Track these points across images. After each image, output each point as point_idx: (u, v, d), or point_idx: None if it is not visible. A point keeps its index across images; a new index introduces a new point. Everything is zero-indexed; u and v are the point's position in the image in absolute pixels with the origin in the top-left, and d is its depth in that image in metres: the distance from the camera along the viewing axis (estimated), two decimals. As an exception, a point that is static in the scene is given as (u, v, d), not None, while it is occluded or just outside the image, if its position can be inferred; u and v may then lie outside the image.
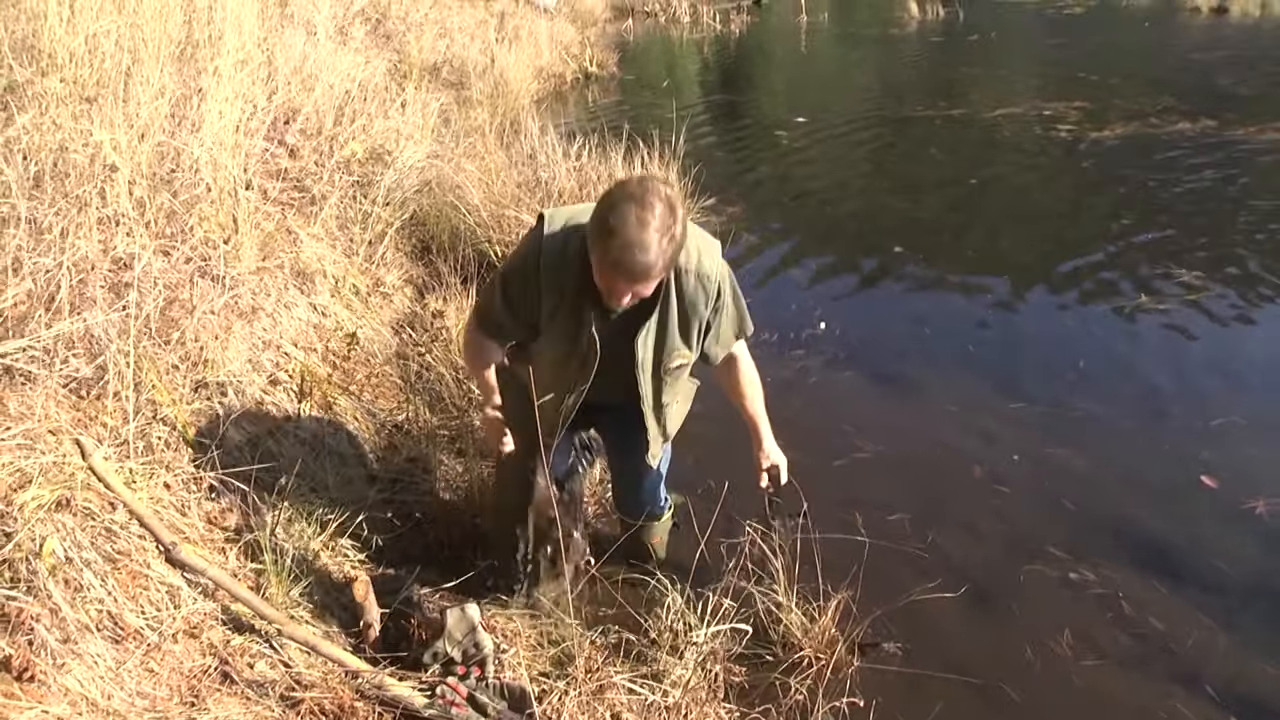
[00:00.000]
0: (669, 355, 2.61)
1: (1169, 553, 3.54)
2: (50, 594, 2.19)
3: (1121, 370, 4.91)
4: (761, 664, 2.98)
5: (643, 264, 2.22)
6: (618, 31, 16.44)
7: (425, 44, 8.98)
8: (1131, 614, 3.26)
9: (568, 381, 2.64)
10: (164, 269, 3.49)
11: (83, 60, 4.18)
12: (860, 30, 18.05)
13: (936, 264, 6.46)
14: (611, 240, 2.21)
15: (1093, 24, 17.77)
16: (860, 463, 4.12)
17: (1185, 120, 9.71)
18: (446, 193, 5.61)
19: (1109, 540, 3.60)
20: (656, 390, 2.69)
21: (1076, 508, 3.79)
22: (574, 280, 2.46)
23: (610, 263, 2.25)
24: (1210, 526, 3.68)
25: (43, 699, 1.98)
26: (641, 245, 2.20)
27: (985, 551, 3.57)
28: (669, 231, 2.23)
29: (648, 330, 2.54)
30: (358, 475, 3.51)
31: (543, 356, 2.66)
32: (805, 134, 10.05)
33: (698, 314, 2.58)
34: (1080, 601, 3.33)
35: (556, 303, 2.52)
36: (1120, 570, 3.45)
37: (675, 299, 2.54)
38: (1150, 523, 3.70)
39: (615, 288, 2.33)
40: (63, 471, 2.48)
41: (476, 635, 2.64)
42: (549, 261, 2.49)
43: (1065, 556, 3.51)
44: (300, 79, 5.67)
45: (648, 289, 2.34)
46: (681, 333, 2.59)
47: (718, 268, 2.57)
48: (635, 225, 2.19)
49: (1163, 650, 3.11)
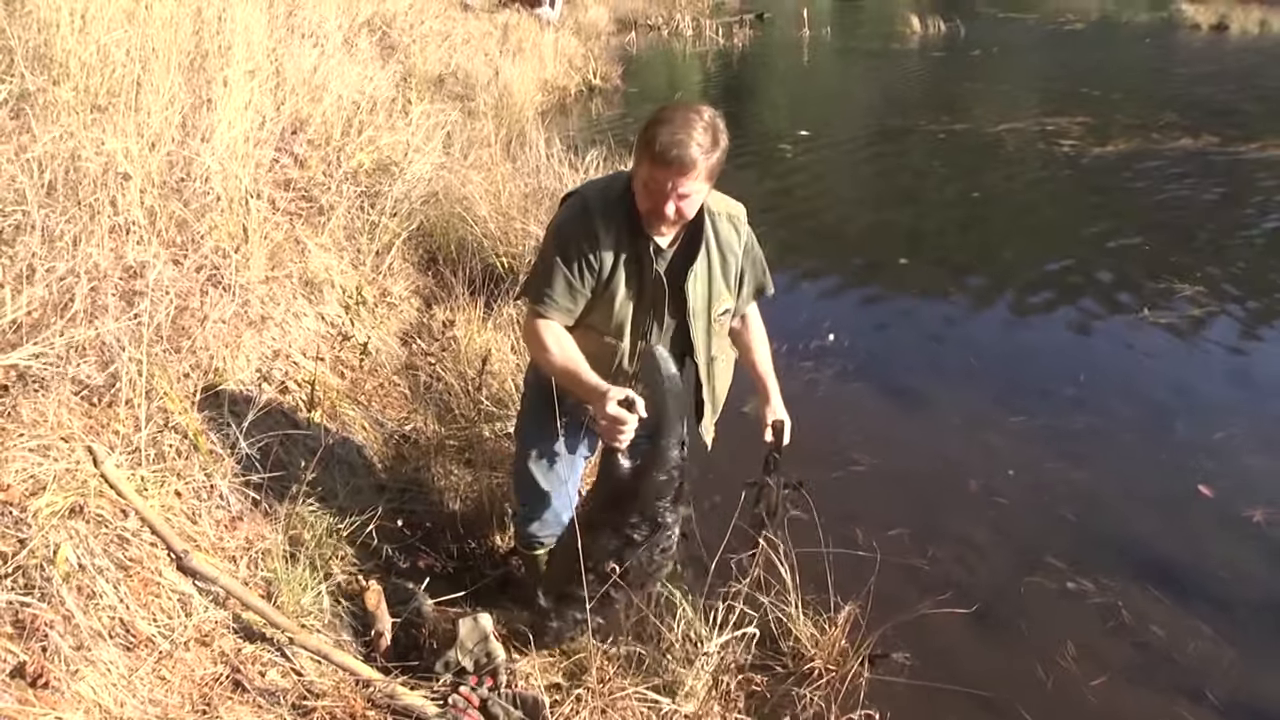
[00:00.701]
0: (716, 300, 2.64)
1: (1170, 564, 3.56)
2: (64, 600, 2.18)
3: (1123, 384, 4.94)
4: (773, 675, 2.98)
5: (689, 153, 2.30)
6: (621, 44, 16.49)
7: (430, 55, 9.01)
8: (1134, 625, 3.27)
9: (630, 341, 2.63)
10: (175, 277, 3.49)
11: (94, 69, 4.20)
12: (862, 44, 18.13)
13: (940, 276, 6.50)
14: (658, 130, 2.32)
15: (1094, 40, 17.86)
16: (860, 475, 4.13)
17: (1187, 136, 9.75)
18: (454, 204, 5.63)
19: (1110, 552, 3.62)
20: (708, 344, 2.69)
21: (1077, 520, 3.81)
22: (626, 220, 2.51)
23: (655, 154, 2.32)
24: (1209, 536, 3.71)
25: (56, 705, 1.96)
26: (687, 134, 2.30)
27: (989, 564, 3.58)
28: (712, 134, 2.35)
29: (695, 275, 2.57)
30: (367, 485, 3.51)
31: (601, 318, 2.61)
32: (808, 148, 10.09)
33: (734, 255, 2.66)
34: (1083, 613, 3.34)
35: (616, 249, 2.53)
36: (1122, 582, 3.46)
37: (714, 240, 2.61)
38: (1151, 534, 3.72)
39: (659, 186, 2.36)
40: (75, 478, 2.48)
41: (489, 644, 2.63)
42: (598, 208, 2.53)
43: (1067, 568, 3.53)
44: (308, 90, 5.69)
45: (692, 187, 2.37)
46: (724, 276, 2.65)
47: (744, 215, 2.70)
48: (682, 120, 2.33)
49: (1165, 660, 3.13)
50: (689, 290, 2.58)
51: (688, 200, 2.40)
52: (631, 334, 2.63)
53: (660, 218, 2.44)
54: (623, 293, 2.57)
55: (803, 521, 3.21)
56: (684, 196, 2.39)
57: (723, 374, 2.84)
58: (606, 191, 2.57)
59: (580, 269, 2.54)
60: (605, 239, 2.52)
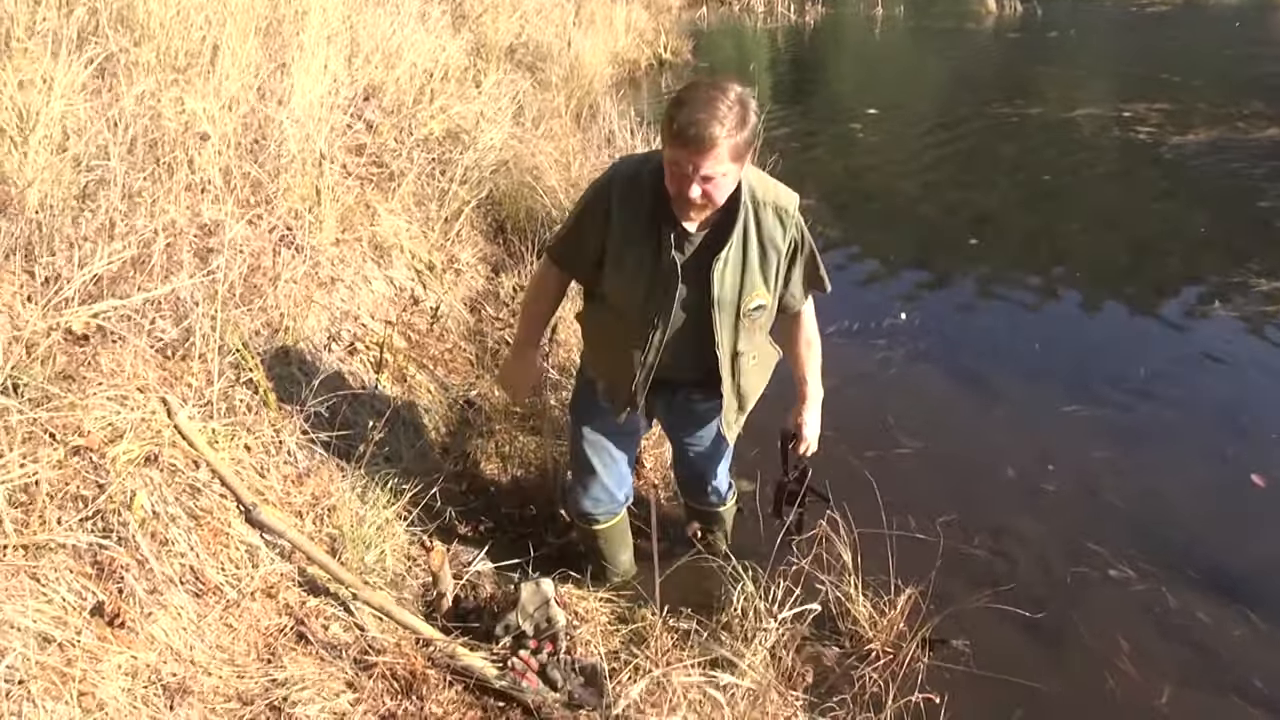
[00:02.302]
0: (747, 294, 2.53)
1: (1230, 563, 3.48)
2: (139, 545, 2.23)
3: (1189, 377, 4.84)
4: (832, 654, 2.96)
5: (709, 132, 2.19)
6: (692, 19, 16.38)
7: (502, 25, 9.00)
8: (1185, 620, 3.23)
9: (646, 326, 2.58)
10: (248, 236, 3.54)
11: (174, 32, 4.26)
12: (936, 24, 17.78)
13: (1010, 260, 6.43)
14: (680, 110, 2.22)
15: (1178, 23, 17.31)
16: (921, 459, 4.08)
17: (1275, 126, 9.41)
18: (523, 173, 5.63)
19: (1166, 546, 3.55)
20: (734, 338, 2.60)
21: (1129, 511, 3.75)
22: (649, 201, 2.45)
23: (675, 133, 2.23)
24: (1261, 528, 3.64)
25: (131, 645, 2.01)
26: (709, 113, 2.19)
27: (1046, 555, 3.53)
28: (739, 113, 2.23)
29: (725, 261, 2.47)
30: (431, 448, 3.54)
31: (619, 298, 2.60)
32: (879, 127, 9.94)
33: (776, 250, 2.53)
34: (1134, 606, 3.30)
35: (630, 226, 2.49)
36: (1181, 579, 3.40)
37: (755, 231, 2.49)
38: (1211, 532, 3.64)
39: (681, 168, 2.26)
40: (150, 428, 2.53)
41: (549, 610, 2.64)
42: (620, 187, 2.50)
43: (1119, 561, 3.48)
44: (382, 57, 5.72)
45: (716, 169, 2.25)
46: (761, 269, 2.53)
47: (795, 207, 2.55)
48: (704, 99, 2.22)
49: (1218, 660, 3.07)
50: (714, 279, 2.47)
51: (714, 183, 2.28)
52: (641, 316, 2.57)
53: (686, 201, 2.34)
54: (631, 273, 2.52)
55: (862, 503, 3.19)
56: (709, 179, 2.26)
57: (752, 372, 2.73)
58: (639, 169, 2.50)
59: (587, 236, 2.57)
60: (619, 216, 2.49)
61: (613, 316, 2.65)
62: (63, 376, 2.48)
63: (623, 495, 3.03)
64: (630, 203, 2.47)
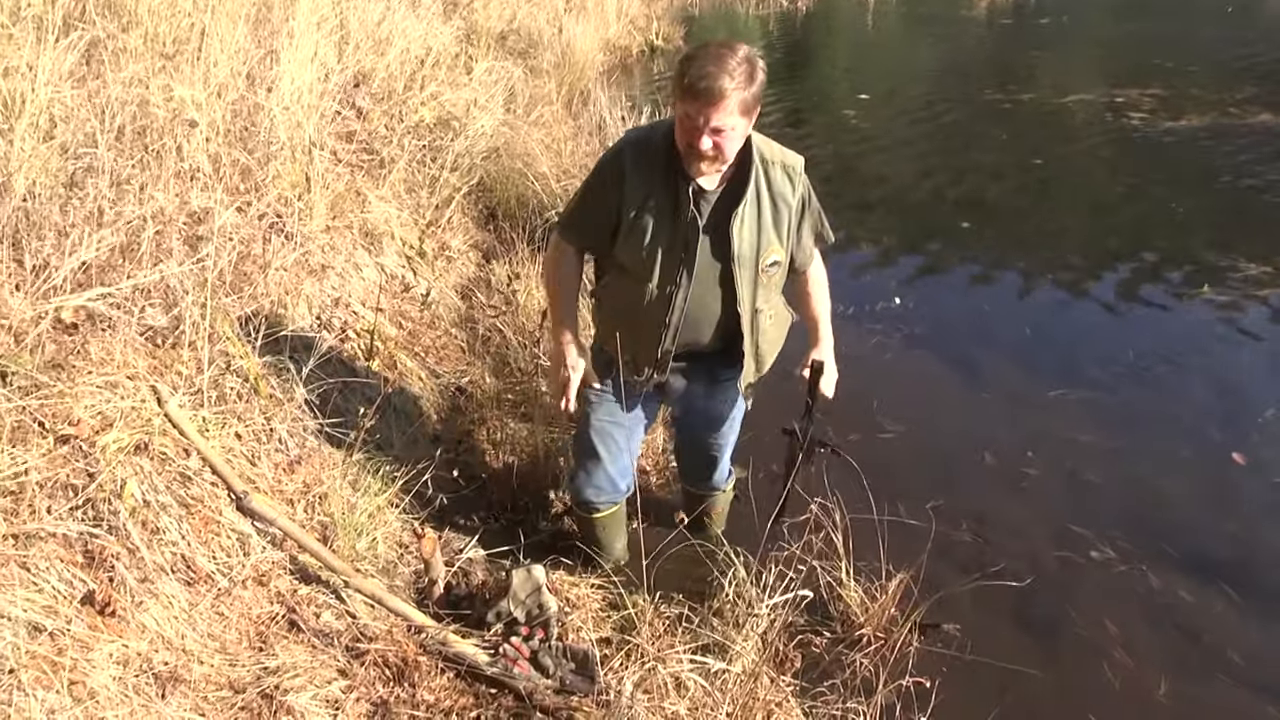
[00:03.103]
0: (764, 250, 2.60)
1: (1211, 541, 3.55)
2: (129, 534, 2.23)
3: (1177, 358, 4.88)
4: (823, 640, 2.96)
5: (719, 84, 2.28)
6: (684, 5, 16.23)
7: (493, 12, 8.97)
8: (1174, 605, 3.26)
9: (669, 285, 2.60)
10: (238, 224, 3.53)
11: (162, 17, 4.23)
12: (929, 10, 17.71)
13: (1002, 243, 6.47)
14: (690, 65, 2.34)
15: (1171, 8, 17.26)
16: (911, 443, 4.09)
17: (1267, 112, 9.42)
18: (514, 160, 5.62)
19: (1152, 527, 3.60)
20: (753, 295, 2.65)
21: (1114, 494, 3.79)
22: (663, 160, 2.52)
23: (686, 87, 2.33)
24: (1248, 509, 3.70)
25: (122, 634, 2.01)
26: (718, 66, 2.30)
27: (1036, 539, 3.55)
28: (747, 69, 2.33)
29: (742, 219, 2.54)
30: (423, 435, 3.54)
31: (637, 263, 2.62)
32: (872, 112, 9.92)
33: (787, 204, 2.61)
34: (1118, 587, 3.33)
35: (646, 187, 2.54)
36: (1165, 559, 3.45)
37: (766, 187, 2.57)
38: (1194, 510, 3.70)
39: (692, 121, 2.35)
40: (140, 416, 2.52)
41: (541, 596, 2.64)
42: (632, 150, 2.57)
43: (1106, 544, 3.52)
44: (373, 43, 5.69)
45: (725, 121, 2.34)
46: (775, 226, 2.60)
47: (802, 165, 2.65)
48: (714, 55, 2.33)
49: (1199, 641, 3.12)
50: (733, 235, 2.54)
51: (723, 136, 2.37)
52: (661, 276, 2.60)
53: (696, 154, 2.40)
54: (650, 232, 2.57)
55: (851, 488, 3.19)
56: (718, 131, 2.36)
57: (769, 330, 2.78)
58: (649, 134, 2.60)
59: (598, 205, 2.62)
60: (634, 178, 2.54)
61: (631, 282, 2.66)
62: (52, 365, 2.47)
63: (625, 485, 3.03)
64: (644, 165, 2.54)
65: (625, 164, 2.56)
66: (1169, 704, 2.89)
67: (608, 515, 3.07)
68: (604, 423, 2.89)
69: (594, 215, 2.65)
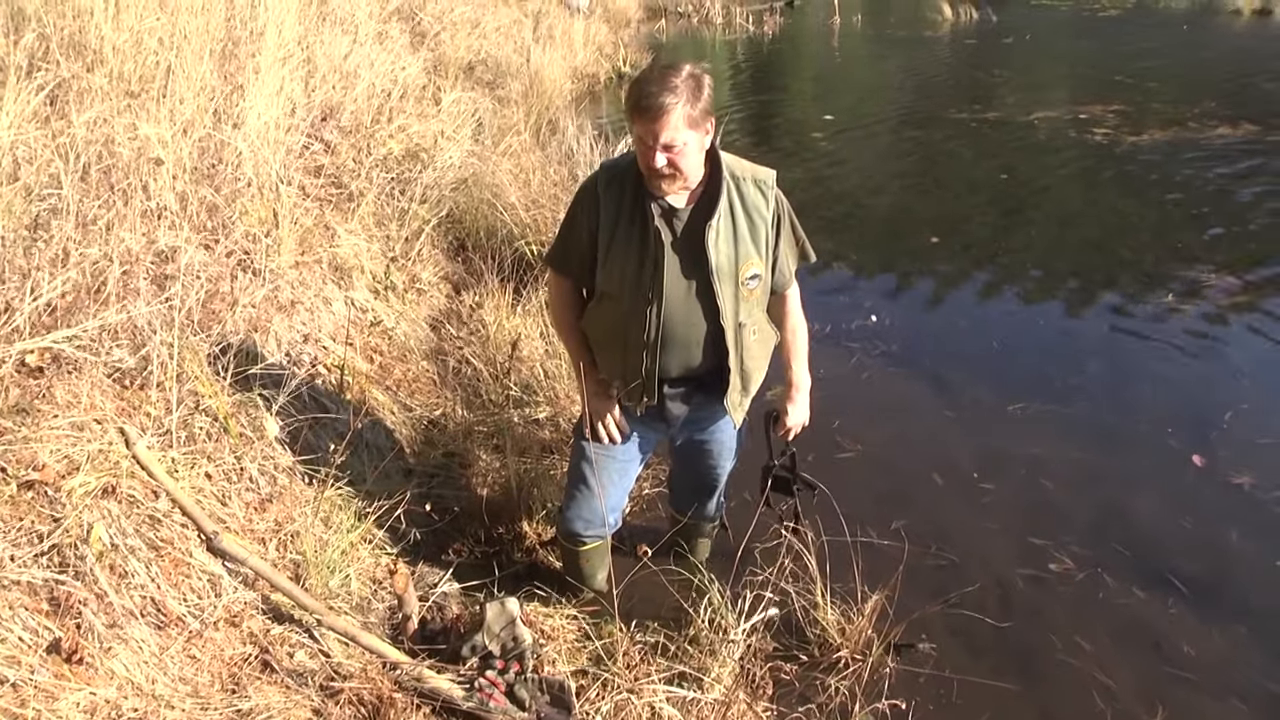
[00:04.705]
0: (743, 263, 2.62)
1: (1176, 546, 3.61)
2: (97, 579, 2.21)
3: (1143, 367, 4.98)
4: (799, 664, 2.97)
5: (661, 100, 2.35)
6: (650, 32, 16.40)
7: (461, 43, 9.00)
8: (1143, 612, 3.30)
9: (643, 303, 2.61)
10: (205, 262, 3.52)
11: (127, 56, 4.23)
12: (893, 32, 17.92)
13: (970, 259, 6.56)
14: (636, 86, 2.43)
15: (1129, 27, 17.54)
16: (886, 463, 4.13)
17: (1225, 125, 9.57)
18: (483, 191, 5.63)
19: (1117, 536, 3.66)
20: (735, 308, 2.66)
21: (1081, 506, 3.84)
22: (633, 181, 2.58)
23: (633, 107, 2.42)
24: (1201, 509, 3.78)
25: (90, 681, 1.99)
26: (660, 85, 2.37)
27: (1004, 555, 3.59)
28: (691, 85, 2.40)
29: (717, 231, 2.56)
30: (395, 469, 3.53)
31: (614, 283, 2.65)
32: (839, 134, 10.01)
33: (763, 218, 2.64)
34: (1089, 601, 3.36)
35: (618, 207, 2.59)
36: (1131, 566, 3.50)
37: (739, 201, 2.61)
38: (1157, 516, 3.77)
39: (644, 141, 2.42)
40: (108, 459, 2.51)
41: (515, 629, 2.63)
42: (604, 176, 2.64)
43: (1074, 554, 3.56)
44: (339, 77, 5.70)
45: (675, 137, 2.39)
46: (752, 239, 2.63)
47: (773, 180, 2.69)
48: (658, 75, 2.42)
49: (1183, 658, 3.13)
50: (709, 247, 2.55)
51: (675, 152, 2.42)
52: (633, 294, 2.62)
53: (654, 172, 2.46)
54: (622, 252, 2.61)
55: (826, 511, 3.21)
56: (669, 147, 2.40)
57: (753, 346, 2.76)
58: (622, 160, 2.66)
59: (580, 230, 2.68)
60: (607, 201, 2.60)
61: (611, 305, 2.69)
62: (16, 410, 2.45)
63: (614, 520, 3.04)
64: (614, 188, 2.60)
65: (599, 188, 2.61)
66: (1143, 712, 2.91)
67: (593, 549, 3.08)
68: (598, 455, 2.88)
69: (575, 243, 2.70)
